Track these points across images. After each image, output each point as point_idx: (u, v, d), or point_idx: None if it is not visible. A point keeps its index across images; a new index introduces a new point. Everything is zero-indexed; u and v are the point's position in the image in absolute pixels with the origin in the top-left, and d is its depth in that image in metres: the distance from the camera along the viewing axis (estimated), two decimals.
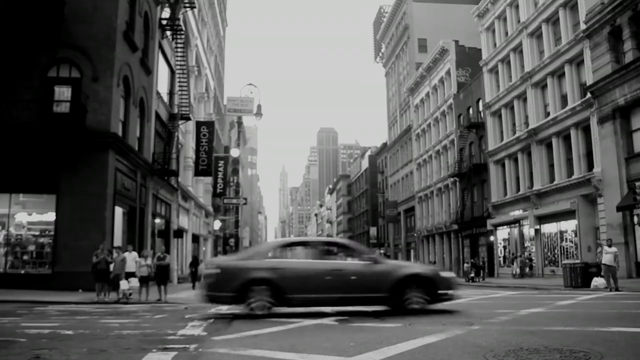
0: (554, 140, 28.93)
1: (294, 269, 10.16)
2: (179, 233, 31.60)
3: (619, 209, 22.26)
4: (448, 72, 46.32)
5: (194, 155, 33.53)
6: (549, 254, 30.41)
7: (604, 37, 23.94)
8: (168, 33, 27.79)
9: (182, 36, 28.57)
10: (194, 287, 21.77)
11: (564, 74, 28.33)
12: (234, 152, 21.71)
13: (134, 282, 16.60)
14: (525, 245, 33.00)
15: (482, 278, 31.00)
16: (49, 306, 13.12)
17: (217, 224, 38.39)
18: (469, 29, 45.61)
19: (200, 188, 38.89)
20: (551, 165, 29.65)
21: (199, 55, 37.93)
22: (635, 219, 22.29)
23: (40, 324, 8.99)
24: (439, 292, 10.13)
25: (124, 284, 15.48)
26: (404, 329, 7.84)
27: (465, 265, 33.69)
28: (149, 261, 16.15)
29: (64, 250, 17.86)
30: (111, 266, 15.24)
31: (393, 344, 6.20)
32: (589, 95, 24.98)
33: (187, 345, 6.42)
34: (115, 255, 15.53)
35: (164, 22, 27.04)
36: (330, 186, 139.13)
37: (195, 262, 24.46)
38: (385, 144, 71.87)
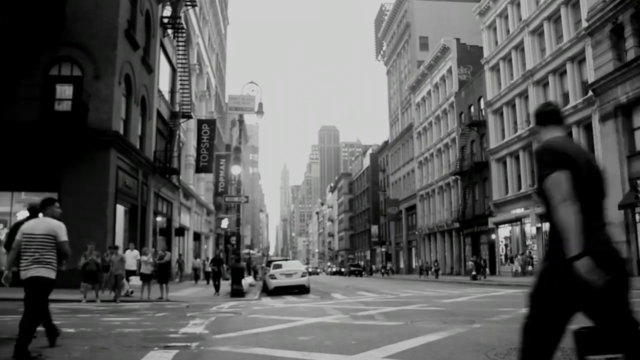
0: None
1: None
2: (181, 231, 31.65)
3: (620, 207, 22.21)
4: (449, 70, 46.23)
5: (195, 153, 33.56)
6: None
7: (606, 35, 23.88)
8: (169, 31, 27.77)
9: (184, 34, 28.57)
10: (217, 290, 19.20)
11: (565, 71, 28.26)
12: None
13: (136, 280, 16.63)
14: (527, 243, 32.97)
15: (484, 276, 30.99)
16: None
17: (224, 223, 38.47)
18: (470, 27, 45.48)
19: (202, 186, 38.93)
20: None
21: (200, 54, 37.92)
22: (637, 217, 22.25)
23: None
24: None
25: (127, 284, 15.56)
26: (406, 327, 7.84)
27: (469, 263, 33.67)
28: (150, 259, 16.15)
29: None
30: (111, 267, 15.21)
31: (395, 342, 6.20)
32: (590, 93, 24.91)
33: (189, 344, 6.43)
34: (113, 256, 15.39)
35: (166, 21, 27.03)
36: (332, 184, 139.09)
37: (218, 261, 21.37)
38: (386, 142, 71.80)
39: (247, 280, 25.00)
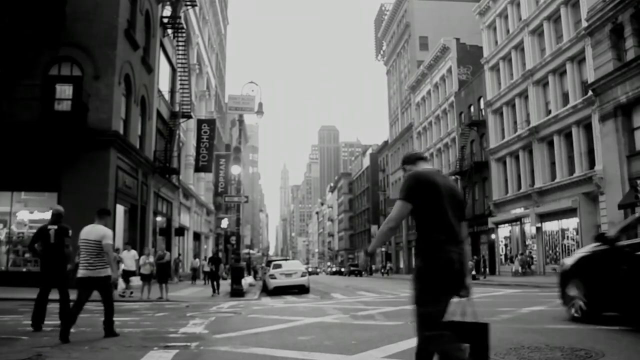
0: (556, 138, 28.88)
1: None
2: (181, 231, 31.63)
3: (620, 206, 22.22)
4: (449, 70, 46.23)
5: (195, 153, 33.55)
6: (550, 252, 30.38)
7: (606, 35, 23.87)
8: (169, 31, 27.76)
9: (184, 34, 28.55)
10: (215, 290, 18.68)
11: (565, 71, 28.26)
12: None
13: (136, 280, 16.62)
14: (527, 243, 32.97)
15: (484, 276, 30.99)
16: (51, 304, 13.11)
17: (224, 222, 38.54)
18: (470, 27, 45.47)
19: (202, 186, 38.93)
20: (552, 163, 29.60)
21: (200, 53, 37.91)
22: None
23: None
24: None
25: (124, 285, 15.54)
26: (406, 326, 7.84)
27: (470, 263, 33.65)
28: (151, 259, 16.16)
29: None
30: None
31: (395, 341, 6.21)
32: (590, 93, 24.91)
33: (189, 343, 6.43)
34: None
35: (165, 20, 27.01)
36: (332, 184, 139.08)
37: (216, 260, 20.67)
38: (386, 142, 71.80)
39: (247, 280, 24.99)
